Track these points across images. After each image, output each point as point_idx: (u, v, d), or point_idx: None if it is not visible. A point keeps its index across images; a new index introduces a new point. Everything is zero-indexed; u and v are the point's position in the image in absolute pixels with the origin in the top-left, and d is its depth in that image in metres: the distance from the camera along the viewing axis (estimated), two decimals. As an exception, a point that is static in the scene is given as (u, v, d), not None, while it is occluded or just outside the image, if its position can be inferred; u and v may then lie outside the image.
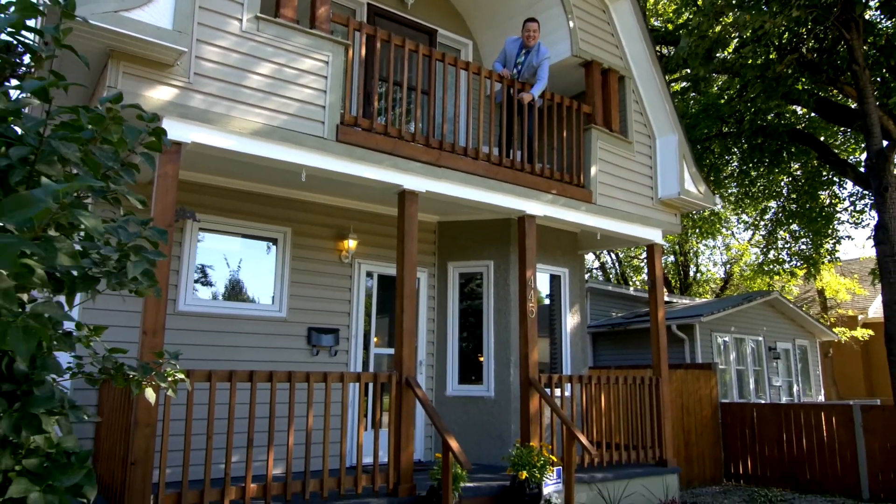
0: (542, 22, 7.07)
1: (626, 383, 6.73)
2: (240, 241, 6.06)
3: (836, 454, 8.83)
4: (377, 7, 7.10)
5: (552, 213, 6.38)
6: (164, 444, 4.00)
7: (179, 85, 4.28)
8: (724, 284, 22.10)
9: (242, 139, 4.54)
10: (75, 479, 1.54)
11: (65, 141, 1.41)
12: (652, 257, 7.41)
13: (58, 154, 1.40)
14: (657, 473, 6.65)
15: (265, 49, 4.68)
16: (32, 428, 1.47)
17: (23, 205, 1.01)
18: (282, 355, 5.93)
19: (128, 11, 3.91)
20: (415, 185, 5.38)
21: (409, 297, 5.14)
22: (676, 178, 7.36)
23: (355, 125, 5.11)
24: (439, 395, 6.88)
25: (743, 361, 13.41)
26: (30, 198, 1.03)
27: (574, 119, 6.74)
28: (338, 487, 4.60)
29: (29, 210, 1.01)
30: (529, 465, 5.20)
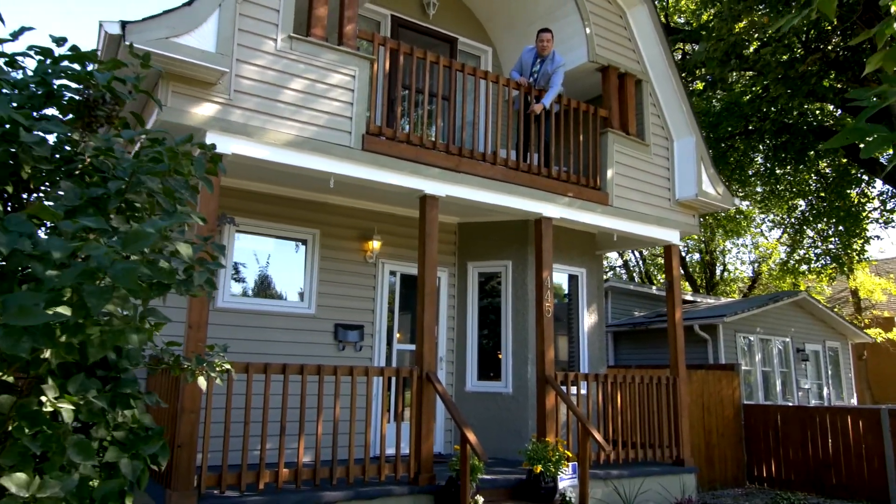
0: (559, 28, 7.28)
1: (642, 382, 6.90)
2: (272, 242, 6.45)
3: (864, 459, 8.76)
4: (400, 18, 7.41)
5: (568, 216, 6.59)
6: (207, 429, 4.39)
7: (221, 101, 4.66)
8: (752, 284, 21.80)
9: (277, 150, 4.90)
10: (154, 449, 1.89)
11: (149, 175, 1.75)
12: (669, 258, 7.55)
13: (144, 186, 1.74)
14: (674, 472, 6.80)
15: (297, 66, 5.03)
16: (123, 405, 1.81)
17: (140, 238, 1.34)
18: (310, 350, 6.31)
19: (177, 37, 4.30)
20: (435, 190, 5.68)
21: (430, 296, 5.44)
22: (694, 179, 7.47)
23: (380, 134, 5.43)
24: (459, 390, 7.18)
25: (769, 363, 13.32)
26: (144, 233, 1.35)
27: (591, 123, 6.94)
28: (362, 475, 4.94)
29: (145, 242, 1.34)
30: (545, 459, 5.45)
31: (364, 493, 4.77)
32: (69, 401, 1.59)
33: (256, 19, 4.88)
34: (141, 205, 1.80)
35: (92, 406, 1.64)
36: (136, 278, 1.34)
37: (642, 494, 6.33)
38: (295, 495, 4.50)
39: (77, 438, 1.50)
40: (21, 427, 1.45)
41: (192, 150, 2.07)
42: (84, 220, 1.42)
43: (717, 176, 7.70)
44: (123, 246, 1.35)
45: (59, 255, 1.35)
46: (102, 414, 1.67)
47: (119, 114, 1.93)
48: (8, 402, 1.45)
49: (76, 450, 1.48)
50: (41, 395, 1.57)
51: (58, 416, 1.55)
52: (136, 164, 1.72)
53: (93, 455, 1.52)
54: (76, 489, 1.43)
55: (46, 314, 1.25)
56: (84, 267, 1.33)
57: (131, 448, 1.83)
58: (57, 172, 1.85)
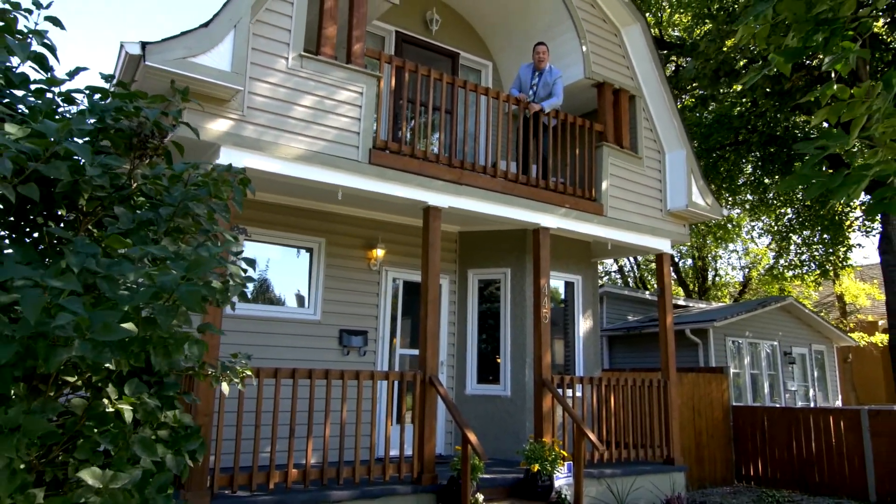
0: (556, 46, 7.55)
1: (635, 385, 7.15)
2: (279, 250, 6.67)
3: (845, 458, 9.08)
4: (405, 34, 7.66)
5: (565, 226, 6.85)
6: (220, 432, 4.60)
7: (235, 118, 4.89)
8: (743, 289, 22.16)
9: (287, 163, 5.13)
10: (194, 447, 2.11)
11: (194, 201, 1.98)
12: (661, 266, 7.82)
13: (190, 210, 1.96)
14: (664, 471, 7.06)
15: (307, 83, 5.26)
16: (168, 406, 2.03)
17: (202, 264, 1.57)
18: (316, 355, 6.51)
19: (194, 57, 4.53)
20: (438, 202, 5.91)
21: (433, 303, 5.67)
22: (685, 190, 7.75)
23: (386, 149, 5.66)
24: (459, 393, 7.40)
25: (757, 366, 13.63)
26: (205, 259, 1.58)
27: (587, 137, 7.20)
28: (368, 475, 5.16)
29: (206, 268, 1.57)
30: (541, 459, 5.68)
31: (369, 492, 4.98)
32: (127, 402, 1.81)
33: (269, 39, 5.11)
34: (185, 228, 2.03)
35: (146, 406, 1.86)
36: (199, 299, 1.57)
37: (634, 492, 6.57)
38: (303, 494, 4.71)
39: (140, 436, 1.72)
40: (90, 426, 1.67)
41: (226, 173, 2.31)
42: (151, 249, 1.65)
43: (706, 187, 7.98)
44: (187, 271, 1.58)
45: (133, 277, 1.58)
46: (155, 413, 1.89)
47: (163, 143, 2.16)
48: (80, 404, 1.67)
49: (140, 446, 1.70)
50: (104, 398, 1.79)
51: (119, 415, 1.77)
52: (185, 193, 1.94)
53: (154, 451, 1.74)
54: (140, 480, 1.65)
55: (126, 330, 1.47)
56: (155, 290, 1.55)
57: (175, 445, 2.05)
58: (110, 198, 2.07)
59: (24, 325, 1.38)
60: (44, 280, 1.43)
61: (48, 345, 1.42)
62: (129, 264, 1.62)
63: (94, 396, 1.82)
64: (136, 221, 1.97)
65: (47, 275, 1.44)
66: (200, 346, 1.75)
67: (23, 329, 1.38)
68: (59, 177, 1.57)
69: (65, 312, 1.38)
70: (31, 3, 2.12)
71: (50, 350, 1.41)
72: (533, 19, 7.79)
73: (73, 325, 1.40)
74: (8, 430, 1.36)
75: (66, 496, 1.53)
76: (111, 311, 1.50)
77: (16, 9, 2.08)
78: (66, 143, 1.56)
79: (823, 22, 1.83)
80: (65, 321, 1.37)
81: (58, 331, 1.39)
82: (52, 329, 1.37)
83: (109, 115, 2.04)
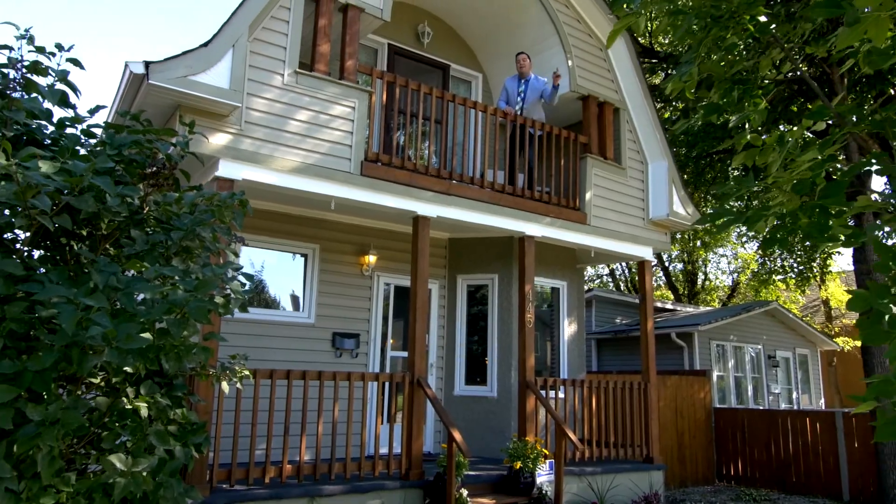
0: (544, 59, 7.86)
1: (616, 387, 7.46)
2: (276, 256, 6.94)
3: (820, 458, 9.43)
4: (397, 46, 7.94)
5: (550, 234, 7.15)
6: (218, 430, 4.86)
7: (233, 132, 5.16)
8: (732, 293, 22.54)
9: (283, 175, 5.40)
10: (199, 440, 2.39)
11: (201, 226, 2.26)
12: (642, 273, 8.13)
13: (197, 234, 2.25)
14: (643, 469, 7.36)
15: (302, 98, 5.54)
16: (176, 404, 2.31)
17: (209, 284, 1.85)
18: (309, 356, 6.79)
19: (195, 75, 4.80)
20: (428, 212, 6.20)
21: (422, 308, 5.96)
22: (666, 200, 8.07)
23: (377, 161, 5.95)
24: (447, 394, 7.69)
25: (742, 369, 13.98)
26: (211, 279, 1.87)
27: (571, 148, 7.50)
28: (358, 471, 5.44)
29: (213, 286, 1.86)
30: (524, 457, 5.97)
31: (360, 487, 5.26)
32: (143, 400, 2.09)
33: (265, 56, 5.38)
34: (194, 249, 2.31)
35: (159, 405, 2.14)
36: (206, 312, 1.86)
37: (614, 489, 6.87)
38: (297, 489, 4.98)
39: (156, 429, 2.00)
40: (113, 421, 1.95)
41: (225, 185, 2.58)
42: (164, 270, 1.93)
43: (687, 197, 8.30)
44: (196, 289, 1.86)
45: (150, 295, 1.86)
46: (165, 411, 2.17)
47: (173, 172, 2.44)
48: (104, 402, 1.95)
49: (156, 437, 1.98)
50: (122, 397, 2.07)
51: (136, 412, 2.05)
52: (193, 219, 2.23)
53: (168, 442, 2.02)
54: (156, 466, 1.92)
55: (145, 339, 1.75)
56: (168, 305, 1.84)
57: (182, 438, 2.33)
58: (126, 222, 2.35)
59: (62, 335, 1.66)
60: (77, 298, 1.71)
61: (81, 352, 1.70)
62: (145, 283, 1.90)
63: (114, 396, 2.10)
64: (150, 243, 2.25)
65: (79, 293, 1.72)
66: (206, 352, 2.03)
67: (60, 339, 1.65)
68: (88, 209, 1.85)
69: (96, 325, 1.66)
70: (54, 46, 2.40)
71: (83, 356, 1.69)
72: (521, 34, 8.09)
73: (101, 335, 1.69)
74: (49, 424, 1.64)
75: (97, 477, 1.81)
76: (133, 323, 1.79)
77: (41, 52, 2.36)
78: (93, 180, 1.83)
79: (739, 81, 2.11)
80: (96, 332, 1.65)
81: (90, 340, 1.67)
82: (85, 339, 1.65)
83: (125, 149, 2.32)
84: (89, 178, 1.83)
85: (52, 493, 1.67)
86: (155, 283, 1.92)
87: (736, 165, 1.99)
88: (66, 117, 2.31)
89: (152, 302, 1.89)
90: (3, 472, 1.58)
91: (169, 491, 1.94)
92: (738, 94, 2.19)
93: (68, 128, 2.41)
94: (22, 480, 1.63)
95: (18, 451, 1.59)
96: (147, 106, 5.00)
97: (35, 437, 1.60)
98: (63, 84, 2.30)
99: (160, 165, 2.30)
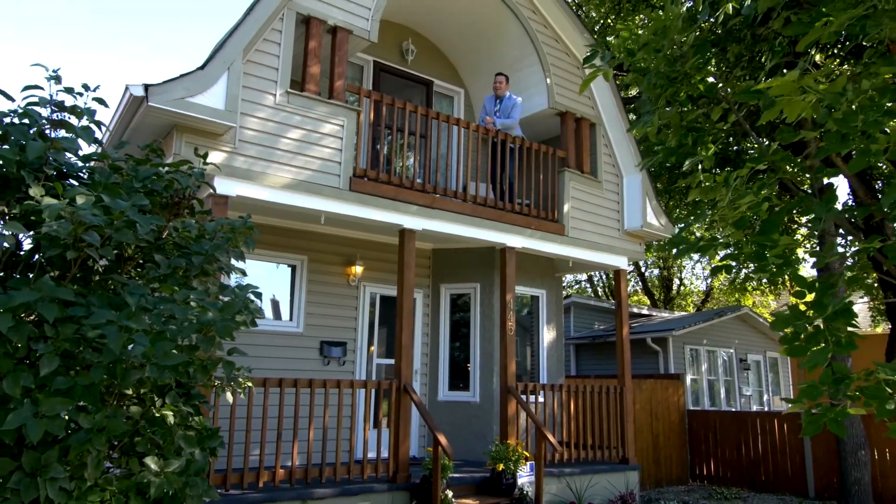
0: (523, 77, 8.24)
1: (593, 391, 7.82)
2: (265, 267, 7.14)
3: (788, 457, 9.94)
4: (382, 63, 8.24)
5: (530, 245, 7.50)
6: (213, 436, 5.06)
7: (227, 150, 5.39)
8: (706, 298, 23.27)
9: (275, 191, 5.64)
10: (215, 444, 2.63)
11: (219, 250, 2.52)
12: (618, 281, 8.54)
13: (216, 258, 2.50)
14: (619, 470, 7.73)
15: (294, 118, 5.79)
16: (195, 412, 2.56)
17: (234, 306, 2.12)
18: (298, 364, 7.00)
19: (192, 97, 5.02)
20: (413, 225, 6.49)
21: (407, 317, 6.23)
22: (640, 211, 8.50)
23: (364, 176, 6.22)
24: (432, 399, 7.96)
25: (715, 372, 14.53)
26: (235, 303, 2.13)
27: (550, 162, 7.88)
28: (348, 475, 5.67)
29: (235, 309, 2.12)
30: (506, 459, 6.28)
31: (349, 490, 5.50)
32: (169, 409, 2.34)
33: (258, 77, 5.62)
34: (212, 271, 2.57)
35: (182, 412, 2.39)
36: (231, 330, 2.12)
37: (591, 489, 7.22)
38: (290, 492, 5.20)
39: (183, 433, 2.25)
40: (145, 427, 2.19)
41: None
42: (191, 294, 2.19)
43: (660, 208, 8.75)
44: (222, 310, 2.12)
45: (180, 316, 2.12)
46: (187, 418, 2.41)
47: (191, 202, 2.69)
48: (137, 411, 2.18)
49: (185, 441, 2.22)
50: (150, 406, 2.32)
51: (164, 419, 2.30)
52: (213, 245, 2.48)
53: (195, 445, 2.26)
54: (186, 466, 2.17)
55: (180, 356, 2.01)
56: (198, 325, 2.10)
57: (200, 443, 2.58)
58: (150, 247, 2.60)
59: (108, 353, 1.90)
60: (120, 321, 1.96)
61: (124, 368, 1.95)
62: (172, 304, 2.15)
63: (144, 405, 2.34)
64: (171, 267, 2.50)
65: (122, 317, 1.97)
66: (230, 366, 2.28)
67: (107, 357, 1.90)
68: (128, 241, 2.10)
69: (138, 345, 1.91)
70: (81, 87, 2.64)
71: (125, 372, 1.94)
72: (501, 52, 8.46)
73: (142, 353, 1.94)
74: (96, 431, 1.87)
75: (134, 477, 2.05)
76: (168, 341, 2.04)
77: (69, 92, 2.60)
78: (131, 215, 2.08)
79: (693, 129, 2.45)
80: (139, 352, 1.90)
81: (132, 358, 1.92)
82: (129, 357, 1.90)
83: (149, 181, 2.57)
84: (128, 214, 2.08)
85: (98, 492, 1.90)
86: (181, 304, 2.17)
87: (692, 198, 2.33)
88: (92, 153, 2.55)
89: (180, 321, 2.15)
90: (58, 473, 1.81)
91: (195, 489, 2.18)
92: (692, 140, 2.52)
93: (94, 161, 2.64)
94: (73, 480, 1.87)
95: (72, 455, 1.83)
96: (145, 126, 5.20)
97: (85, 442, 1.84)
98: (91, 122, 2.54)
99: (180, 196, 2.55)
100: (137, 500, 2.08)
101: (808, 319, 1.88)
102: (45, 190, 2.16)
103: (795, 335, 1.90)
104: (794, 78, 1.81)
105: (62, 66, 29.24)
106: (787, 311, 1.93)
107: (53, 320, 1.88)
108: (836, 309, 1.87)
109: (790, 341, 1.91)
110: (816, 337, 1.89)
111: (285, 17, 5.78)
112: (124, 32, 44.55)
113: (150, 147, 2.87)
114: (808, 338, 1.87)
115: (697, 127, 2.50)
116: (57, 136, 2.42)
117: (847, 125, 1.92)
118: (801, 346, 1.89)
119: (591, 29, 15.34)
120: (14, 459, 1.88)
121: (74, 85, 2.55)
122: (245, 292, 2.31)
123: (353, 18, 6.32)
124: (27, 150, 2.09)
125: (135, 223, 2.26)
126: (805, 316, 1.87)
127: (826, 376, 1.96)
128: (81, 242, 1.96)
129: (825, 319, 1.89)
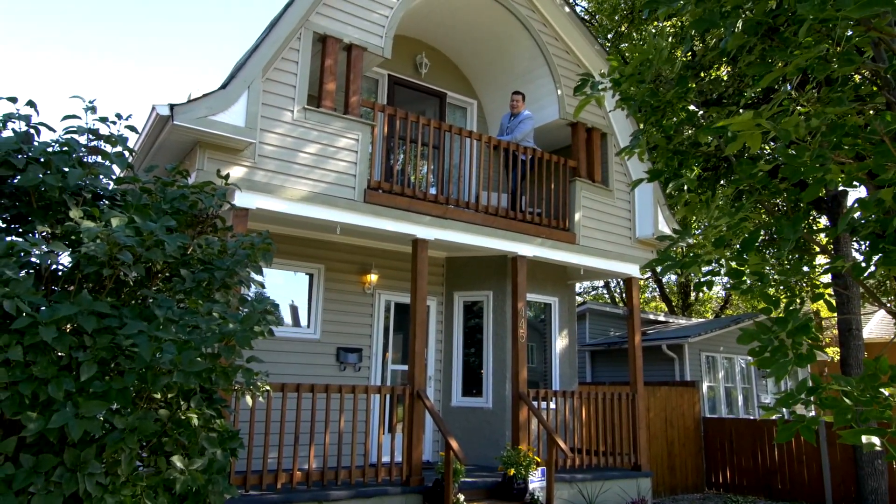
0: (534, 88, 8.39)
1: (605, 398, 7.89)
2: (283, 275, 7.39)
3: (804, 465, 9.84)
4: (397, 77, 8.47)
5: (541, 254, 7.62)
6: (234, 439, 5.29)
7: (247, 165, 5.64)
8: (724, 304, 22.99)
9: (293, 203, 5.87)
10: (235, 445, 2.83)
11: (239, 265, 2.72)
12: (630, 289, 8.60)
13: (236, 272, 2.71)
14: (631, 476, 7.77)
15: (311, 133, 6.03)
16: (217, 415, 2.76)
17: (253, 318, 2.31)
18: (315, 370, 7.21)
19: (214, 115, 5.29)
20: (426, 235, 6.67)
21: (421, 325, 6.41)
22: (652, 220, 8.56)
23: (379, 188, 6.43)
24: (445, 405, 8.11)
25: (732, 379, 14.40)
26: (255, 314, 2.32)
27: (561, 172, 8.00)
28: (362, 478, 5.85)
29: (254, 321, 2.31)
30: (517, 464, 6.39)
31: (364, 492, 5.68)
32: (193, 412, 2.54)
33: (277, 94, 5.88)
34: (233, 285, 2.77)
35: (205, 415, 2.59)
36: (250, 340, 2.31)
37: (603, 495, 7.28)
38: (307, 494, 5.39)
39: (206, 434, 2.45)
40: (172, 428, 2.39)
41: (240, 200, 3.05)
42: (214, 306, 2.39)
43: (671, 217, 8.79)
44: (242, 322, 2.32)
45: (205, 327, 2.32)
46: (210, 421, 2.62)
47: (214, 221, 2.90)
48: (165, 414, 2.39)
49: (208, 442, 2.42)
50: (177, 409, 2.52)
51: (189, 421, 2.50)
52: (234, 261, 2.69)
53: (217, 446, 2.46)
54: (208, 465, 2.37)
55: (204, 364, 2.21)
56: (220, 335, 2.29)
57: (222, 444, 2.78)
58: (176, 263, 2.82)
59: (140, 361, 2.11)
60: (150, 331, 2.16)
61: (153, 374, 2.16)
62: (200, 317, 2.36)
63: (171, 408, 2.55)
64: (195, 281, 2.71)
65: (152, 328, 2.18)
66: (249, 373, 2.48)
67: (139, 364, 2.10)
68: (157, 259, 2.31)
69: (167, 353, 2.12)
70: (114, 116, 2.88)
71: (155, 378, 2.14)
72: (513, 64, 8.62)
73: (170, 361, 2.14)
74: (129, 431, 2.08)
75: (161, 474, 2.25)
76: (193, 350, 2.24)
77: (103, 122, 2.84)
78: (160, 235, 2.30)
79: (678, 152, 2.58)
80: (167, 359, 2.10)
81: (161, 365, 2.12)
82: (159, 363, 2.10)
83: (176, 201, 2.79)
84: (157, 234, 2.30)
85: (130, 487, 2.11)
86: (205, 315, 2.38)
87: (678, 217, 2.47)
88: (125, 177, 2.78)
89: (203, 332, 2.35)
90: (95, 469, 2.02)
91: (216, 486, 2.38)
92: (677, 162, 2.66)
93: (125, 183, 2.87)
94: (108, 476, 2.07)
95: (107, 452, 2.03)
96: (170, 142, 5.48)
97: (119, 441, 2.05)
98: (125, 148, 2.77)
99: (204, 216, 2.77)
100: (165, 495, 2.28)
101: (773, 334, 2.01)
102: (83, 212, 2.38)
103: (763, 348, 2.04)
104: (749, 117, 1.97)
105: (74, 71, 29.88)
106: (754, 326, 2.07)
107: (91, 331, 2.09)
108: (796, 325, 2.01)
109: (757, 354, 2.05)
110: (782, 349, 2.02)
111: (302, 36, 6.04)
112: (123, 32, 45.71)
113: (177, 169, 3.09)
114: (773, 350, 2.00)
115: (683, 150, 2.63)
116: (93, 161, 2.65)
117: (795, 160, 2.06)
118: (767, 358, 2.03)
119: (604, 36, 15.46)
120: (56, 456, 2.09)
121: (98, 106, 2.78)
122: (263, 305, 2.51)
123: (367, 36, 6.55)
124: (68, 176, 2.32)
125: (163, 242, 2.47)
126: (770, 330, 2.01)
127: (802, 385, 2.08)
128: (116, 261, 2.17)
129: (788, 334, 2.02)
